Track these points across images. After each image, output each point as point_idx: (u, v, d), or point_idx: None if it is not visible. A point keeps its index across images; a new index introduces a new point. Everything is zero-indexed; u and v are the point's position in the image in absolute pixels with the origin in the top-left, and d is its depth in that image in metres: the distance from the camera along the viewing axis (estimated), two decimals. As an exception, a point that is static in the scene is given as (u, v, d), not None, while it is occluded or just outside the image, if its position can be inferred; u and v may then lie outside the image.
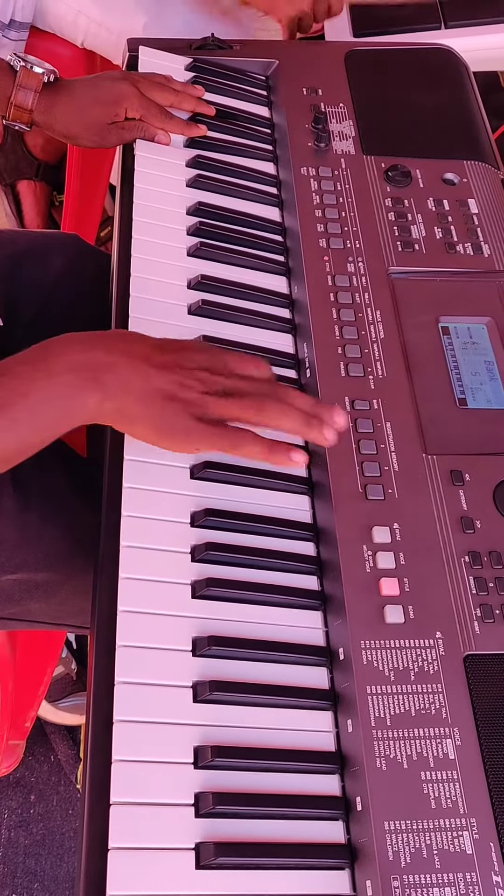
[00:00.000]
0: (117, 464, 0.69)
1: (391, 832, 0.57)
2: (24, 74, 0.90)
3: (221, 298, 0.83)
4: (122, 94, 0.91)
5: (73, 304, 1.00)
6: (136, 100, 0.91)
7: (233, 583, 0.66)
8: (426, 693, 0.62)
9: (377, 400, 0.76)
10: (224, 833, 0.56)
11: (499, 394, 0.79)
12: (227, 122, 0.98)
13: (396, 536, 0.69)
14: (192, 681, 0.61)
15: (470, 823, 0.58)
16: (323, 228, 0.88)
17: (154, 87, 0.93)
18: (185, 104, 0.95)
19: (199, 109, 0.96)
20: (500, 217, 0.92)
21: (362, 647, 0.63)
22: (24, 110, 0.91)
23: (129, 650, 0.61)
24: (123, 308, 0.79)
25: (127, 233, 0.85)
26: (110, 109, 0.91)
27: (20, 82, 0.90)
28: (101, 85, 0.93)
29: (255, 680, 0.63)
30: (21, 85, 0.90)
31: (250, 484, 0.72)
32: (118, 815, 0.55)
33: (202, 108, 0.96)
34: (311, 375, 0.79)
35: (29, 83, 0.90)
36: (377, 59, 1.06)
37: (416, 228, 0.89)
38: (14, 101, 0.90)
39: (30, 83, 0.90)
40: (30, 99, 0.90)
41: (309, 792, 0.60)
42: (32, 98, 0.90)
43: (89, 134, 0.93)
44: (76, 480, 0.86)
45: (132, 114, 0.92)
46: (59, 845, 1.30)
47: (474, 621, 0.66)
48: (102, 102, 0.91)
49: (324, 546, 0.71)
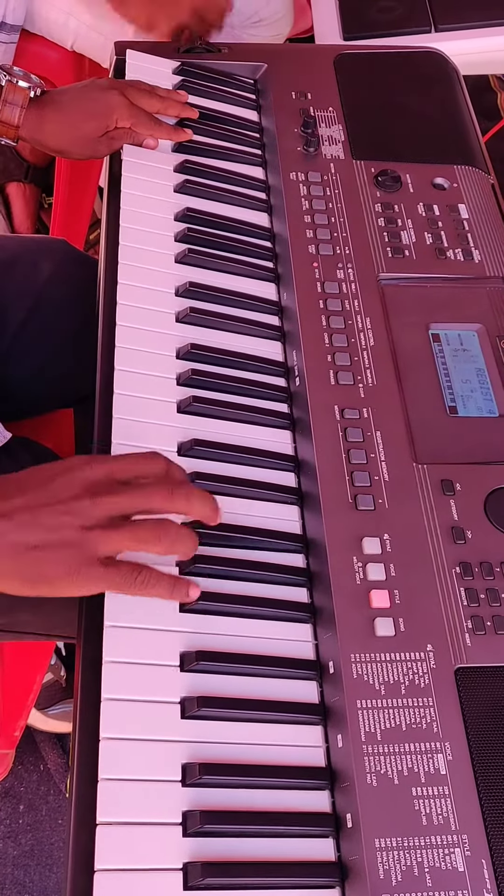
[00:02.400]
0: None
1: (382, 849, 0.56)
2: (10, 90, 0.89)
3: (210, 306, 0.82)
4: (112, 105, 0.90)
5: (61, 311, 0.99)
6: (125, 109, 0.90)
7: (221, 596, 0.65)
8: (417, 707, 0.62)
9: (367, 409, 0.75)
10: (212, 852, 0.56)
11: (490, 402, 0.78)
12: (216, 126, 0.97)
13: (387, 547, 0.68)
14: (179, 696, 0.61)
15: (462, 840, 0.57)
16: (312, 234, 0.87)
17: (142, 95, 0.92)
18: (170, 110, 0.94)
19: (184, 114, 0.95)
20: (491, 222, 0.91)
21: (352, 661, 0.63)
22: (11, 126, 0.90)
23: (115, 666, 0.60)
24: (111, 316, 0.78)
25: (114, 239, 0.84)
26: (101, 122, 0.90)
27: (6, 98, 0.89)
28: (91, 97, 0.91)
29: (243, 695, 0.62)
30: (7, 101, 0.89)
31: (238, 494, 0.71)
32: (104, 835, 0.54)
33: (187, 113, 0.95)
34: (300, 384, 0.78)
35: (15, 98, 0.89)
36: (367, 62, 1.05)
37: (406, 234, 0.88)
38: (0, 118, 0.89)
39: (16, 98, 0.89)
40: (16, 115, 0.89)
41: (299, 809, 0.59)
42: (19, 114, 0.89)
43: (81, 149, 0.92)
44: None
45: (122, 123, 0.90)
46: (47, 856, 1.29)
47: (465, 633, 0.65)
48: (93, 115, 0.90)
49: (313, 558, 0.70)
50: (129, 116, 0.90)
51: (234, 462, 0.73)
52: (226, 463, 0.73)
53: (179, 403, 0.75)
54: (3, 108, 0.89)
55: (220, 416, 0.76)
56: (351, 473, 0.71)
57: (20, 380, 0.98)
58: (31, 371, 0.99)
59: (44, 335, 0.99)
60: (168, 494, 0.61)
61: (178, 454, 0.72)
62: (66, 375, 1.01)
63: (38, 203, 1.81)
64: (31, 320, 0.97)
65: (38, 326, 0.98)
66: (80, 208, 1.68)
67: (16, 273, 0.98)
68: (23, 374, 0.98)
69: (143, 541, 0.59)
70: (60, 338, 0.99)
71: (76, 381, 1.01)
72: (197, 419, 0.75)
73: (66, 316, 1.00)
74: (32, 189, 1.78)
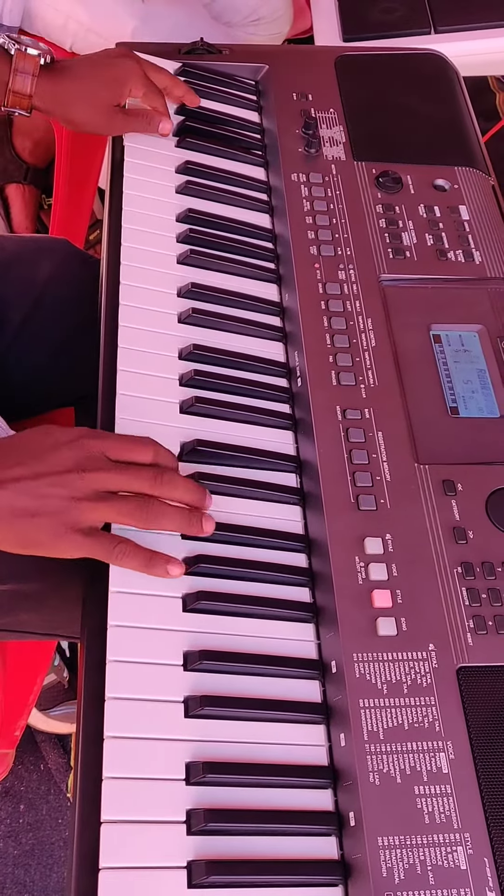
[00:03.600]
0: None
1: (385, 848, 0.57)
2: (20, 58, 0.86)
3: (211, 307, 0.82)
4: (127, 72, 0.89)
5: (62, 310, 0.99)
6: (140, 78, 0.90)
7: (224, 595, 0.66)
8: (419, 706, 0.62)
9: (369, 409, 0.76)
10: (216, 850, 0.56)
11: (491, 402, 0.78)
12: (217, 127, 0.98)
13: (389, 547, 0.68)
14: (183, 696, 0.61)
15: (464, 838, 0.57)
16: (314, 235, 0.87)
17: (153, 65, 0.93)
18: (176, 90, 0.95)
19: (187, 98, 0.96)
20: (492, 223, 0.91)
21: (355, 660, 0.63)
22: (24, 96, 0.87)
23: (119, 665, 0.60)
24: (113, 317, 0.79)
25: (116, 240, 0.84)
26: (117, 90, 0.89)
27: (16, 66, 0.86)
28: (107, 63, 0.90)
29: (247, 694, 0.62)
30: (17, 69, 0.86)
31: (241, 495, 0.72)
32: (109, 833, 0.55)
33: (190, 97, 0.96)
34: (302, 384, 0.79)
35: (26, 67, 0.86)
36: (368, 64, 1.05)
37: (407, 235, 0.89)
38: (12, 88, 0.87)
39: (27, 67, 0.86)
40: (28, 84, 0.87)
41: (302, 807, 0.60)
42: (31, 82, 0.87)
43: (96, 119, 0.91)
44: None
45: (135, 92, 0.90)
46: (48, 855, 1.29)
47: (467, 633, 0.65)
48: (109, 84, 0.89)
49: (316, 557, 0.70)
50: (142, 85, 0.90)
51: (236, 463, 0.74)
52: (228, 464, 0.73)
53: (182, 404, 0.75)
54: (15, 77, 0.86)
55: (223, 417, 0.76)
56: (353, 474, 0.72)
57: (20, 379, 0.98)
58: (31, 370, 0.99)
59: (44, 334, 0.99)
60: (153, 478, 0.65)
61: (180, 455, 0.72)
62: (67, 374, 1.01)
63: (38, 204, 1.81)
64: (31, 319, 0.97)
65: (39, 326, 0.98)
66: (79, 209, 1.68)
67: (16, 272, 0.98)
68: (23, 374, 0.98)
69: (125, 514, 0.64)
70: (61, 337, 0.99)
71: (77, 381, 1.01)
72: (199, 420, 0.75)
73: (67, 315, 1.00)
74: (32, 190, 1.78)
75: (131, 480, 0.64)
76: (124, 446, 0.66)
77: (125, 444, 0.66)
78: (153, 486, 0.65)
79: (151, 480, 0.65)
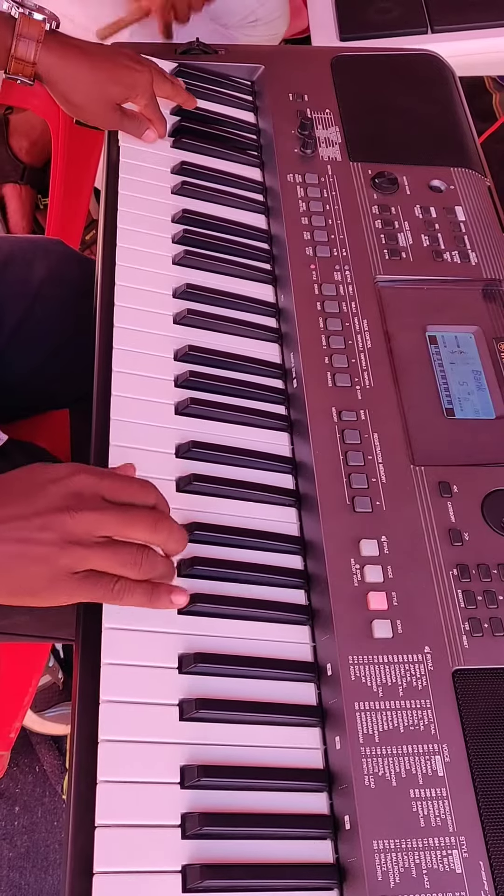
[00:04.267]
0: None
1: (380, 851, 0.56)
2: (24, 22, 0.82)
3: (207, 308, 0.82)
4: (140, 81, 0.88)
5: (57, 311, 0.99)
6: (147, 90, 0.89)
7: (219, 598, 0.65)
8: (415, 709, 0.62)
9: (364, 410, 0.75)
10: (211, 855, 0.56)
11: (486, 404, 0.78)
12: (213, 127, 0.97)
13: (384, 549, 0.68)
14: (178, 698, 0.61)
15: (459, 842, 0.57)
16: (309, 236, 0.87)
17: (162, 78, 0.92)
18: (178, 97, 0.95)
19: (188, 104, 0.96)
20: (488, 224, 0.91)
21: (350, 663, 0.63)
22: (27, 63, 0.83)
23: (114, 668, 0.60)
24: (108, 318, 0.78)
25: (111, 241, 0.84)
26: (125, 92, 0.88)
27: (20, 31, 0.82)
28: (124, 64, 0.88)
29: (242, 697, 0.62)
30: (21, 34, 0.82)
31: (237, 497, 0.71)
32: (103, 837, 0.54)
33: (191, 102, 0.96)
34: (297, 385, 0.78)
35: (30, 32, 0.82)
36: (364, 64, 1.05)
37: (402, 236, 0.88)
38: (14, 54, 0.83)
39: (31, 32, 0.82)
40: (32, 50, 0.83)
41: (297, 811, 0.59)
42: (35, 49, 0.83)
43: (95, 108, 0.89)
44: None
45: (138, 102, 0.90)
46: (43, 858, 1.28)
47: (463, 635, 0.65)
48: (121, 84, 0.88)
49: (311, 559, 0.70)
50: (147, 97, 0.90)
51: (231, 464, 0.73)
52: (223, 465, 0.73)
53: (177, 405, 0.75)
54: (18, 43, 0.82)
55: (218, 418, 0.76)
56: (348, 475, 0.71)
57: (15, 381, 0.98)
58: (26, 372, 0.98)
59: (39, 336, 0.98)
60: (152, 525, 0.60)
61: (175, 456, 0.72)
62: (62, 376, 1.01)
63: (34, 204, 1.80)
64: (26, 321, 0.97)
65: (34, 327, 0.98)
66: (75, 209, 1.68)
67: (11, 273, 0.97)
68: (18, 375, 0.98)
69: (123, 563, 0.58)
70: (56, 338, 0.99)
71: (72, 382, 1.01)
72: (195, 421, 0.75)
73: (62, 316, 0.99)
74: (28, 190, 1.77)
75: (129, 525, 0.59)
76: (124, 486, 0.60)
77: (125, 484, 0.60)
78: (151, 533, 0.60)
79: (151, 526, 0.59)
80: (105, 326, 0.78)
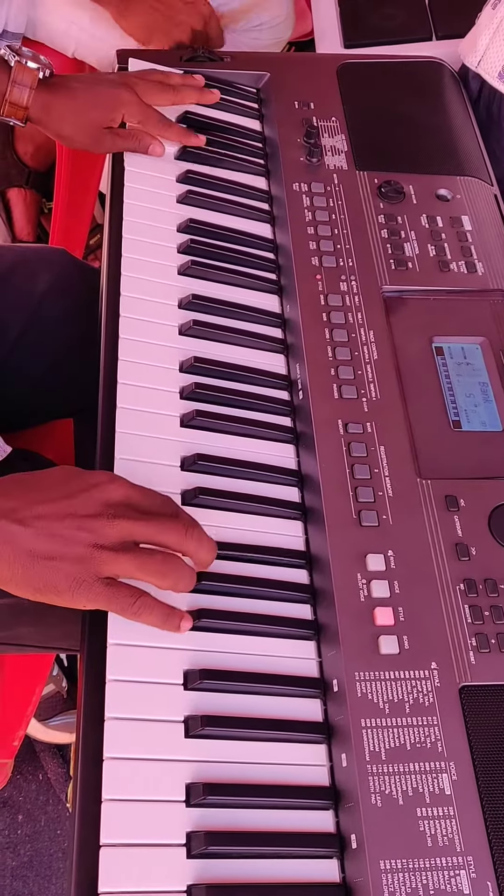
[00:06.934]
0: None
1: (387, 871, 0.56)
2: (19, 70, 0.87)
3: (213, 318, 0.82)
4: (120, 100, 0.89)
5: (60, 321, 0.99)
6: (134, 106, 0.89)
7: (224, 613, 0.65)
8: (421, 726, 0.61)
9: (371, 423, 0.75)
10: (217, 874, 0.55)
11: (493, 416, 0.78)
12: (218, 135, 0.97)
13: (391, 564, 0.68)
14: (183, 715, 0.60)
15: (467, 862, 0.57)
16: (315, 246, 0.86)
17: (153, 90, 0.91)
18: (187, 99, 0.94)
19: (202, 101, 0.95)
20: (494, 234, 0.91)
21: (356, 679, 0.62)
22: (20, 107, 0.88)
23: (118, 684, 0.60)
24: (113, 328, 0.78)
25: (116, 251, 0.83)
26: (107, 115, 0.89)
27: (15, 78, 0.87)
28: (100, 88, 0.90)
29: (247, 713, 0.62)
30: (16, 81, 0.87)
31: (242, 510, 0.71)
32: (108, 856, 0.54)
33: (205, 99, 0.95)
34: (303, 397, 0.78)
35: (24, 79, 0.87)
36: (369, 72, 1.05)
37: (409, 246, 0.88)
38: (9, 99, 0.87)
39: (25, 79, 0.87)
40: (25, 95, 0.87)
41: (303, 829, 0.59)
42: (28, 94, 0.87)
43: (83, 137, 0.91)
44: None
45: (130, 120, 0.90)
46: (47, 867, 1.28)
47: (470, 651, 0.65)
48: (100, 107, 0.89)
49: (317, 574, 0.70)
50: (138, 114, 0.89)
51: (237, 477, 0.73)
52: (229, 478, 0.73)
53: (182, 417, 0.75)
54: (12, 89, 0.87)
55: (224, 430, 0.75)
56: (355, 489, 0.71)
57: (19, 391, 0.97)
58: (30, 382, 0.98)
59: (43, 346, 0.98)
60: (183, 532, 0.62)
61: (181, 468, 0.72)
62: (66, 386, 1.01)
63: (39, 208, 1.80)
64: (29, 331, 0.97)
65: (37, 337, 0.97)
66: (80, 214, 1.68)
67: (14, 283, 0.97)
68: (21, 385, 0.98)
69: (150, 572, 0.60)
70: (59, 348, 0.99)
71: (75, 392, 1.00)
72: (200, 433, 0.74)
73: (66, 326, 0.99)
74: (33, 195, 1.77)
75: (160, 533, 0.61)
76: (150, 496, 0.63)
77: (149, 494, 0.63)
78: (181, 541, 0.61)
79: (181, 534, 0.61)
80: (110, 337, 0.78)
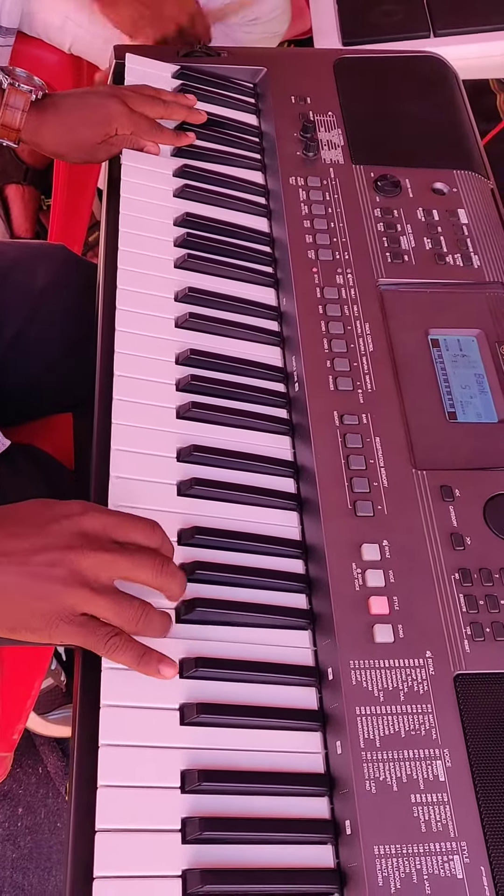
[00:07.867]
0: (103, 482, 0.69)
1: (381, 856, 0.56)
2: (12, 93, 0.88)
3: (209, 311, 0.82)
4: (111, 114, 0.89)
5: (59, 316, 0.99)
6: (125, 118, 0.89)
7: (220, 602, 0.65)
8: (416, 714, 0.62)
9: (366, 414, 0.75)
10: (211, 859, 0.56)
11: (489, 407, 0.78)
12: (215, 130, 0.97)
13: (386, 554, 0.68)
14: (178, 703, 0.61)
15: (461, 847, 0.57)
16: (311, 239, 0.87)
17: (144, 102, 0.91)
18: (175, 115, 0.93)
19: (190, 119, 0.94)
20: (490, 227, 0.91)
21: (351, 667, 0.63)
22: (12, 129, 0.89)
23: (114, 672, 0.60)
24: (110, 321, 0.78)
25: (113, 244, 0.84)
26: (100, 130, 0.90)
27: (7, 101, 0.88)
28: (90, 104, 0.91)
29: (243, 701, 0.62)
30: (8, 104, 0.88)
31: (238, 500, 0.71)
32: (103, 842, 0.54)
33: (193, 118, 0.95)
34: (299, 389, 0.78)
35: (16, 102, 0.88)
36: (366, 67, 1.05)
37: (405, 239, 0.88)
38: (1, 121, 0.88)
39: (17, 102, 0.88)
40: (17, 118, 0.88)
41: (298, 815, 0.59)
42: (20, 117, 0.88)
43: (78, 153, 0.92)
44: (63, 496, 0.85)
45: (122, 131, 0.90)
46: (46, 859, 1.28)
47: (464, 640, 0.65)
48: (92, 123, 0.89)
49: (313, 564, 0.70)
50: (129, 125, 0.90)
51: (233, 468, 0.73)
52: (225, 469, 0.73)
53: (179, 409, 0.75)
54: (5, 111, 0.88)
55: (220, 422, 0.76)
56: (350, 479, 0.71)
57: (18, 386, 0.98)
58: (29, 377, 0.99)
59: (42, 341, 0.99)
60: (158, 570, 0.60)
61: (177, 460, 0.72)
62: (65, 381, 1.01)
63: (38, 205, 1.81)
64: (28, 326, 0.97)
65: (36, 332, 0.98)
66: (78, 210, 1.68)
67: (13, 280, 0.98)
68: (21, 381, 0.98)
69: (123, 617, 0.59)
70: (58, 343, 0.99)
71: (74, 387, 1.01)
72: (196, 425, 0.75)
73: (64, 321, 1.00)
74: (31, 191, 1.78)
75: (134, 568, 0.59)
76: (129, 526, 0.61)
77: (130, 523, 0.61)
78: (156, 576, 0.60)
79: (157, 570, 0.60)
80: (107, 330, 0.78)
